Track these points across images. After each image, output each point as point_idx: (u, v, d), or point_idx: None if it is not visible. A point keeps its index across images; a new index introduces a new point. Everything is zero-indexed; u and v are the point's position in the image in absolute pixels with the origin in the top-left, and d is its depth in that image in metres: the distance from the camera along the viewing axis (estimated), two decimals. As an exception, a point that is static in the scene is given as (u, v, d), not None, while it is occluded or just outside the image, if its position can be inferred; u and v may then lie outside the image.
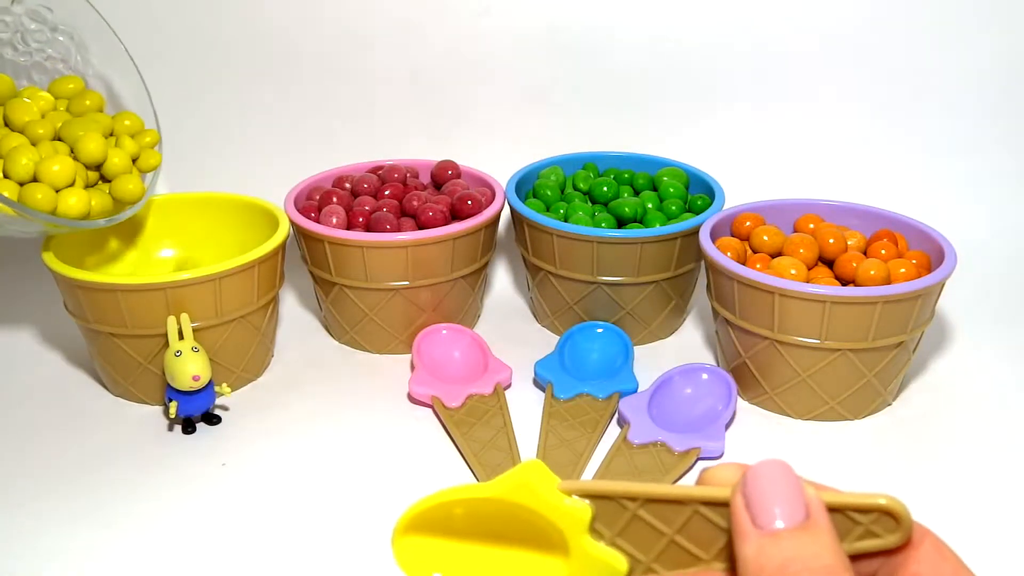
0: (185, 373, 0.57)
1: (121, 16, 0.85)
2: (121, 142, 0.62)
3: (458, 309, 0.70)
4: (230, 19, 0.84)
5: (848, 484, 0.55)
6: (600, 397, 0.62)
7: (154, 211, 0.70)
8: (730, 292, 0.60)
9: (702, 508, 0.29)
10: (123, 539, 0.51)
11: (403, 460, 0.58)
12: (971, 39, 0.80)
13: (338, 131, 0.85)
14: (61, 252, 0.63)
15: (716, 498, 0.29)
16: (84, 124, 0.60)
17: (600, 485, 0.30)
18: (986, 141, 0.82)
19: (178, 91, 0.86)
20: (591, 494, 0.30)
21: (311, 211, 0.69)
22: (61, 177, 0.56)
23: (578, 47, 0.83)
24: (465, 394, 0.62)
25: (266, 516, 0.53)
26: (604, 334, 0.67)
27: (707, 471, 0.31)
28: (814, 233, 0.66)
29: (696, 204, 0.71)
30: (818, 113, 0.83)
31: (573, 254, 0.67)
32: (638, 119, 0.84)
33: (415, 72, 0.83)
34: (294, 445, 0.59)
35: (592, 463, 0.57)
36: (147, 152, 0.63)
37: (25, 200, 0.54)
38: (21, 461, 0.58)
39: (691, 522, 0.29)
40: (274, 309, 0.67)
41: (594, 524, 0.30)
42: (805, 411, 0.61)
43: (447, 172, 0.74)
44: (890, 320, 0.57)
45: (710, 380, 0.62)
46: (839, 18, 0.81)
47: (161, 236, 0.71)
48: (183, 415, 0.60)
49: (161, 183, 0.78)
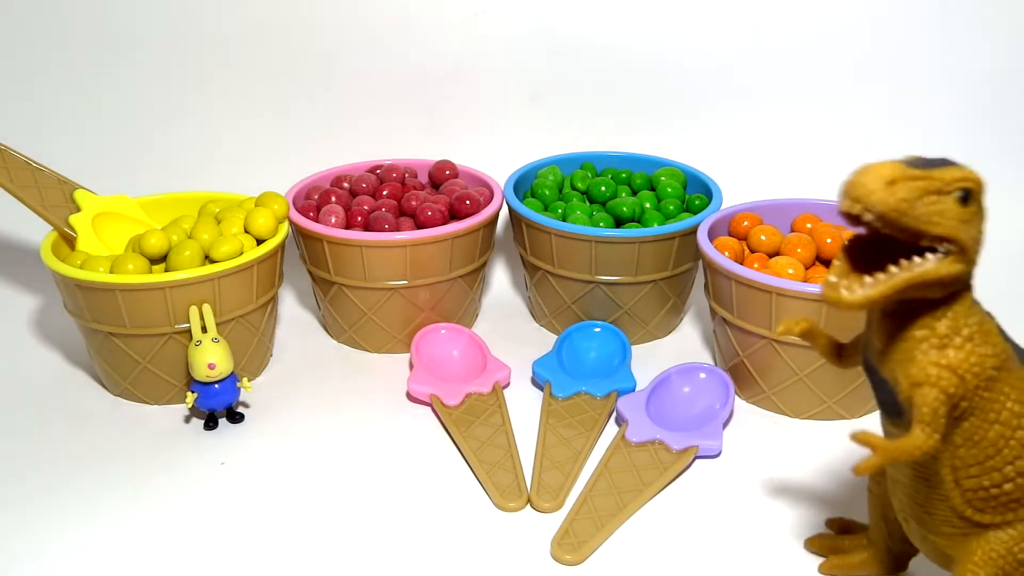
0: (202, 362, 0.58)
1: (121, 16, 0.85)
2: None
3: (456, 308, 0.70)
4: (229, 19, 0.84)
5: (846, 484, 0.55)
6: (598, 396, 0.62)
7: (153, 211, 0.70)
8: (728, 292, 0.61)
9: None
10: (123, 539, 0.52)
11: (402, 458, 0.58)
12: (971, 39, 0.80)
13: (336, 131, 0.85)
14: (61, 252, 0.63)
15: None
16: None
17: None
18: (986, 142, 0.82)
19: (178, 91, 0.86)
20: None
21: (310, 211, 0.69)
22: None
23: (576, 47, 0.83)
24: (464, 393, 0.62)
25: (265, 515, 0.53)
26: (602, 333, 0.67)
27: None
28: (812, 233, 0.66)
29: (694, 204, 0.71)
30: (816, 113, 0.83)
31: (571, 253, 0.67)
32: (636, 119, 0.84)
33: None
34: (293, 444, 0.59)
35: (590, 461, 0.57)
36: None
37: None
38: (21, 461, 0.58)
39: None
40: (273, 309, 0.67)
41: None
42: (803, 410, 0.61)
43: (445, 172, 0.75)
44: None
45: (708, 379, 0.62)
46: (837, 18, 0.81)
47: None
48: (205, 409, 0.60)
49: (159, 182, 0.78)
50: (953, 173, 0.35)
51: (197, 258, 0.61)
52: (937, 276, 0.35)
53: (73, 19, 0.85)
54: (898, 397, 0.38)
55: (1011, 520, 0.40)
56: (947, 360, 0.37)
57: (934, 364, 0.37)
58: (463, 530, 0.52)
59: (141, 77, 0.86)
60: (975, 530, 0.40)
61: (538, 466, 0.56)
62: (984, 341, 0.37)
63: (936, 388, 0.36)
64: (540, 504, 0.53)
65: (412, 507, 0.54)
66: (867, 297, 0.35)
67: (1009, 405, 0.38)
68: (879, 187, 0.34)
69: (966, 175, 0.36)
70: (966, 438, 0.38)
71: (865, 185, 0.34)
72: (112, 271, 0.59)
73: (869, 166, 0.35)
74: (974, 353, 0.37)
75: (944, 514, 0.40)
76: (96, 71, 0.86)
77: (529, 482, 0.55)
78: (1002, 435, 0.38)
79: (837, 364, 0.45)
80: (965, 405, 0.37)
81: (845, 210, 0.35)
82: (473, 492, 0.55)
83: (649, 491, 0.54)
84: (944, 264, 0.35)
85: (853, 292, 0.35)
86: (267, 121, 0.86)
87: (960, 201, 0.35)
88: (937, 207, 0.35)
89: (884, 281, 0.35)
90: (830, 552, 0.49)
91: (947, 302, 0.37)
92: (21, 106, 0.86)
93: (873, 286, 0.35)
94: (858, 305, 0.35)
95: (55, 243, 0.64)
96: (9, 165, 0.65)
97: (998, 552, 0.40)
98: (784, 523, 0.53)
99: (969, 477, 0.39)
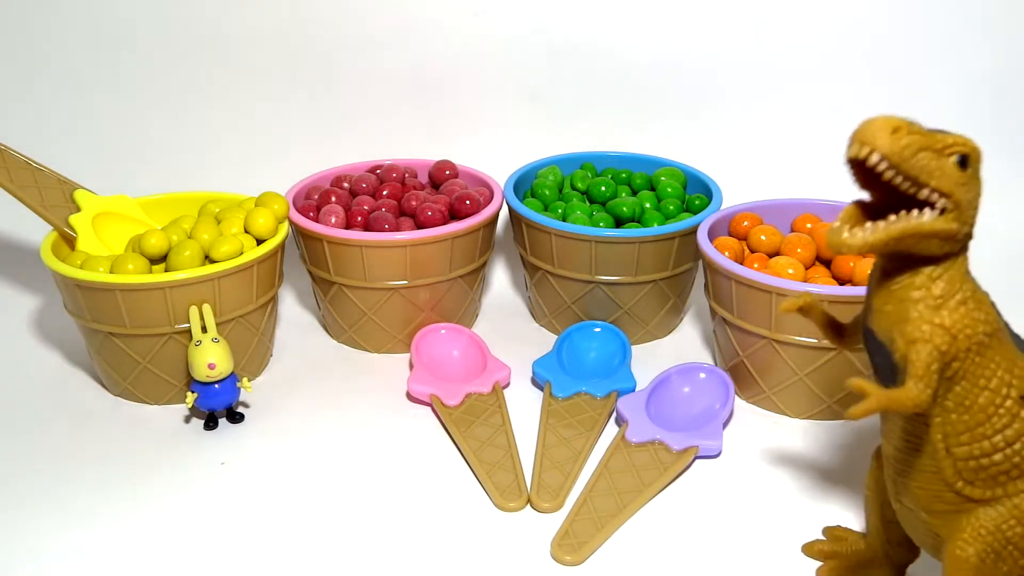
0: (202, 362, 0.58)
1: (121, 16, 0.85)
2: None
3: (456, 308, 0.70)
4: (230, 19, 0.84)
5: (845, 484, 0.55)
6: (598, 396, 0.62)
7: (153, 211, 0.70)
8: (728, 292, 0.61)
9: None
10: (123, 539, 0.52)
11: (402, 458, 0.58)
12: (971, 39, 0.80)
13: (336, 131, 0.85)
14: (61, 252, 0.63)
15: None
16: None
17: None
18: (985, 142, 0.82)
19: (178, 91, 0.86)
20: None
21: (310, 210, 0.69)
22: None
23: (576, 47, 0.83)
24: (464, 393, 0.62)
25: (265, 515, 0.53)
26: (602, 333, 0.67)
27: None
28: (812, 233, 0.66)
29: (694, 204, 0.71)
30: (816, 113, 0.83)
31: (571, 253, 0.67)
32: (636, 119, 0.84)
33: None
34: (293, 444, 0.59)
35: (590, 462, 0.57)
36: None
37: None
38: (21, 461, 0.58)
39: None
40: (273, 309, 0.67)
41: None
42: (802, 410, 0.61)
43: (445, 172, 0.75)
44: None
45: (708, 379, 0.62)
46: (838, 18, 0.81)
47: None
48: (205, 409, 0.60)
49: (159, 182, 0.78)
50: (951, 138, 0.38)
51: (197, 258, 0.61)
52: (933, 229, 0.38)
53: (73, 19, 0.85)
54: (894, 357, 0.40)
55: (1000, 496, 0.41)
56: (940, 319, 0.39)
57: (928, 322, 0.39)
58: (463, 530, 0.52)
59: (141, 77, 0.86)
60: (965, 506, 0.41)
61: (538, 466, 0.56)
62: (978, 307, 0.40)
63: (930, 344, 0.39)
64: (540, 504, 0.53)
65: (412, 507, 0.54)
66: (866, 241, 0.38)
67: (1000, 374, 0.40)
68: (884, 133, 0.37)
69: (964, 140, 0.39)
70: (957, 402, 0.40)
71: (871, 131, 0.37)
72: (112, 271, 0.60)
73: (875, 116, 0.37)
74: (967, 316, 0.39)
75: (935, 488, 0.41)
76: (96, 71, 0.86)
77: (529, 482, 0.55)
78: (992, 402, 0.40)
79: (837, 343, 0.47)
80: (957, 366, 0.39)
81: (853, 154, 0.37)
82: (473, 492, 0.55)
83: (649, 491, 0.54)
84: (941, 219, 0.38)
85: (855, 235, 0.38)
86: (267, 121, 0.86)
87: (958, 165, 0.38)
88: (936, 163, 0.38)
89: (884, 228, 0.38)
90: (827, 558, 0.49)
91: (943, 266, 0.39)
92: (21, 106, 0.86)
93: (873, 232, 0.38)
94: (858, 248, 0.38)
95: (55, 243, 0.64)
96: (9, 165, 0.65)
97: (987, 529, 0.41)
98: (784, 523, 0.53)
99: (960, 445, 0.40)
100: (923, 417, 0.40)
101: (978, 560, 0.40)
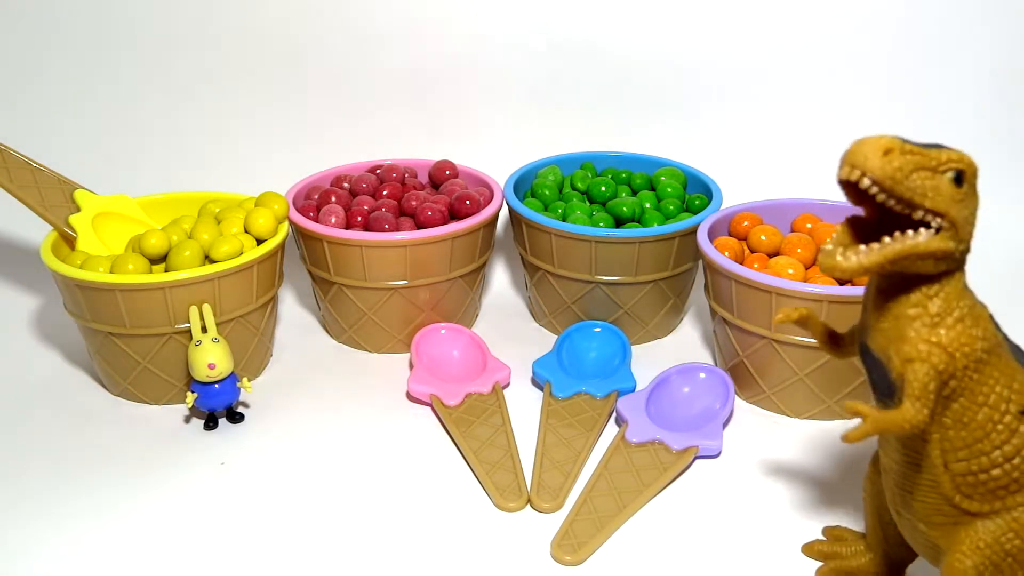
0: (202, 362, 0.58)
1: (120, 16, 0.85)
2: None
3: (456, 308, 0.70)
4: (230, 19, 0.84)
5: (845, 484, 0.55)
6: (598, 396, 0.62)
7: (153, 211, 0.70)
8: (728, 291, 0.61)
9: None
10: (123, 538, 0.52)
11: (402, 458, 0.58)
12: (971, 39, 0.80)
13: (337, 131, 0.85)
14: (61, 252, 0.63)
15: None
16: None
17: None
18: (985, 142, 0.82)
19: (178, 90, 0.86)
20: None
21: (310, 210, 0.69)
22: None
23: (576, 47, 0.83)
24: (464, 392, 0.62)
25: (266, 515, 0.53)
26: (602, 333, 0.67)
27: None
28: (812, 233, 0.66)
29: (694, 204, 0.71)
30: (816, 113, 0.83)
31: (571, 253, 0.67)
32: (636, 119, 0.84)
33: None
34: (293, 444, 0.59)
35: (590, 462, 0.57)
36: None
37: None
38: (20, 461, 0.58)
39: None
40: (273, 309, 0.67)
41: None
42: (802, 410, 0.61)
43: (445, 172, 0.75)
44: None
45: (708, 379, 0.62)
46: (837, 18, 0.81)
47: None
48: (206, 409, 0.60)
49: (159, 182, 0.78)
50: (946, 154, 0.37)
51: (197, 258, 0.61)
52: (928, 250, 0.37)
53: (73, 19, 0.85)
54: (890, 375, 0.39)
55: (998, 509, 0.40)
56: (938, 338, 0.38)
57: (925, 341, 0.38)
58: (463, 530, 0.52)
59: (141, 77, 0.86)
60: (964, 519, 0.41)
61: (538, 466, 0.56)
62: (975, 324, 0.39)
63: (927, 364, 0.38)
64: (540, 504, 0.53)
65: (412, 507, 0.54)
66: (861, 264, 0.37)
67: (998, 389, 0.39)
68: (876, 155, 0.36)
69: (959, 157, 0.37)
70: (955, 419, 0.39)
71: (863, 153, 0.36)
72: (112, 271, 0.60)
73: (866, 137, 0.37)
74: (965, 333, 0.38)
75: (934, 501, 0.41)
76: (96, 71, 0.86)
77: (529, 482, 0.55)
78: (990, 418, 0.39)
79: (835, 353, 0.46)
80: (954, 384, 0.39)
81: (844, 177, 0.37)
82: (473, 492, 0.55)
83: (649, 491, 0.54)
84: (936, 239, 0.37)
85: (848, 259, 0.37)
86: (267, 121, 0.86)
87: (954, 182, 0.37)
88: (931, 182, 0.37)
89: (878, 250, 0.37)
90: (827, 558, 0.49)
91: (940, 283, 0.39)
92: (21, 106, 0.87)
93: (867, 254, 0.37)
94: (852, 272, 0.37)
95: (55, 243, 0.64)
96: (9, 165, 0.65)
97: (985, 541, 0.40)
98: (784, 523, 0.53)
99: (958, 460, 0.40)
100: (921, 433, 0.40)
101: (976, 573, 0.40)
